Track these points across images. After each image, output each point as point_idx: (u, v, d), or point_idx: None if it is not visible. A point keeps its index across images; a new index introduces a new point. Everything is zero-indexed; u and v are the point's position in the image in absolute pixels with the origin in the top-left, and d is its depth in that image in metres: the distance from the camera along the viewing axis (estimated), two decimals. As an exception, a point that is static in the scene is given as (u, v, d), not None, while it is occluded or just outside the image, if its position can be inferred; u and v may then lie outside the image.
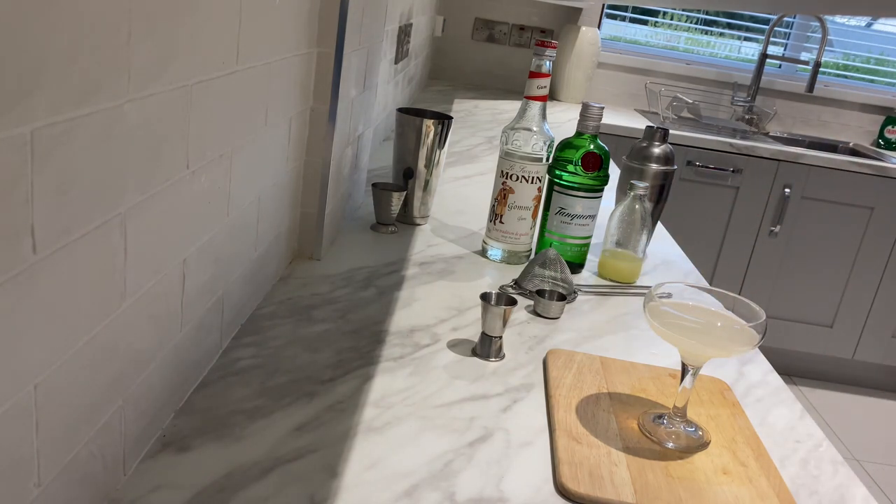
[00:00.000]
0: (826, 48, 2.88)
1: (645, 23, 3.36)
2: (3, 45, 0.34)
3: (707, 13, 3.32)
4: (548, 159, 1.11)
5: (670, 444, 0.71)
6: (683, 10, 3.14)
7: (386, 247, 1.14)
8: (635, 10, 3.28)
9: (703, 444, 0.72)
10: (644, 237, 1.14)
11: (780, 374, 2.30)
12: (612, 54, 3.13)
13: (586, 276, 1.15)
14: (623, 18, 3.31)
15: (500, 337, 0.85)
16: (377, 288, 0.99)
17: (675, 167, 1.26)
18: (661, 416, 0.74)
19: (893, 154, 2.92)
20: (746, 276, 2.78)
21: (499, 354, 0.85)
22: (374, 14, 1.12)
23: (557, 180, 1.10)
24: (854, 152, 3.03)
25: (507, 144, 1.10)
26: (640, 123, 2.70)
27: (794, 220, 2.70)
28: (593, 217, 1.12)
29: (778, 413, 0.84)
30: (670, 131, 1.30)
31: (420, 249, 1.15)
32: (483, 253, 1.16)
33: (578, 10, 3.05)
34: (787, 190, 2.64)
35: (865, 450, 2.52)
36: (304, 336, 0.83)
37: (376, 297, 0.96)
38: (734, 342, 0.70)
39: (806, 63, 3.11)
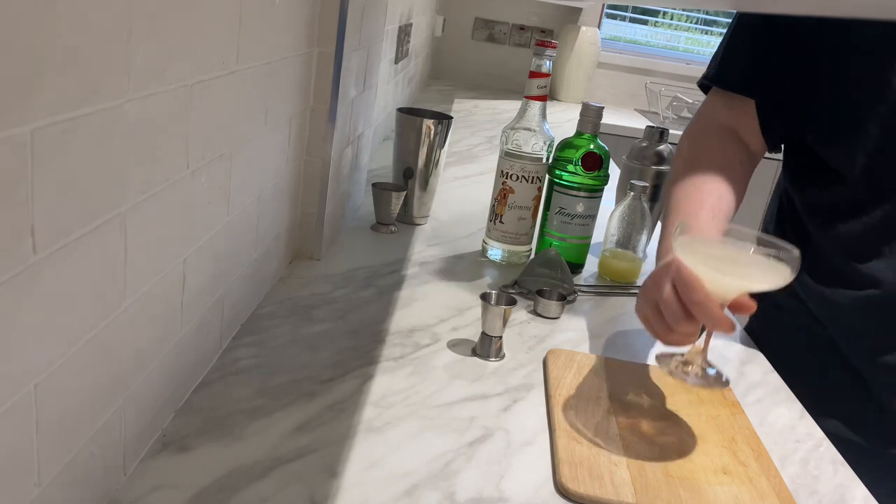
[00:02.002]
0: (826, 48, 2.88)
1: (645, 23, 3.36)
2: (3, 45, 0.34)
3: (707, 13, 3.32)
4: (548, 159, 1.11)
5: (692, 380, 0.70)
6: (683, 10, 3.14)
7: (386, 247, 1.14)
8: (635, 10, 3.28)
9: (723, 383, 0.71)
10: (644, 237, 1.14)
11: (780, 374, 2.28)
12: (612, 54, 3.13)
13: (586, 276, 1.15)
14: (623, 18, 3.31)
15: (500, 337, 0.85)
16: (377, 288, 0.99)
17: (675, 167, 1.26)
18: (680, 356, 0.72)
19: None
20: (746, 276, 2.77)
21: (499, 354, 0.85)
22: (373, 14, 1.12)
23: (557, 180, 1.10)
24: (854, 152, 3.03)
25: (507, 144, 1.10)
26: (640, 123, 2.70)
27: (794, 219, 2.69)
28: (593, 217, 1.12)
29: (778, 413, 0.84)
30: (670, 131, 1.30)
31: (420, 249, 1.15)
32: (483, 253, 1.16)
33: (578, 10, 3.05)
34: (787, 190, 2.64)
35: (865, 450, 2.52)
36: (304, 336, 0.83)
37: (376, 297, 0.96)
38: (767, 273, 0.67)
39: (806, 63, 3.11)
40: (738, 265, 0.69)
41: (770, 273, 0.67)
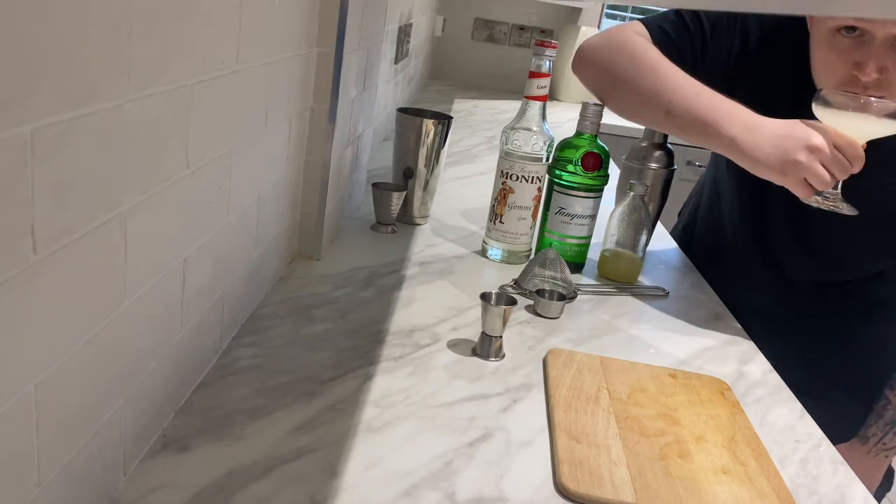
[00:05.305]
0: (826, 48, 2.87)
1: (645, 23, 3.36)
2: (4, 45, 0.34)
3: (707, 13, 3.31)
4: (548, 159, 1.11)
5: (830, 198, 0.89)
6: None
7: (386, 247, 1.14)
8: (635, 10, 3.28)
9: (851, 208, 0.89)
10: (644, 237, 1.14)
11: (780, 374, 2.28)
12: (612, 54, 3.12)
13: (586, 276, 1.15)
14: (623, 18, 3.31)
15: (500, 337, 0.85)
16: (377, 288, 0.99)
17: (676, 167, 1.26)
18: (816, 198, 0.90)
19: (893, 154, 2.91)
20: (746, 276, 2.77)
21: (499, 354, 0.85)
22: (374, 14, 1.12)
23: (557, 180, 1.10)
24: (854, 152, 3.02)
25: (507, 144, 1.10)
26: (640, 123, 2.70)
27: (794, 219, 2.69)
28: (593, 217, 1.12)
29: (778, 413, 0.84)
30: (670, 131, 1.30)
31: (420, 249, 1.15)
32: (483, 253, 1.16)
33: (578, 10, 3.05)
34: (787, 190, 2.64)
35: (865, 450, 2.51)
36: (304, 336, 0.83)
37: (376, 297, 0.96)
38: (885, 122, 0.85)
39: (806, 63, 3.10)
40: (867, 121, 0.87)
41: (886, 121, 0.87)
